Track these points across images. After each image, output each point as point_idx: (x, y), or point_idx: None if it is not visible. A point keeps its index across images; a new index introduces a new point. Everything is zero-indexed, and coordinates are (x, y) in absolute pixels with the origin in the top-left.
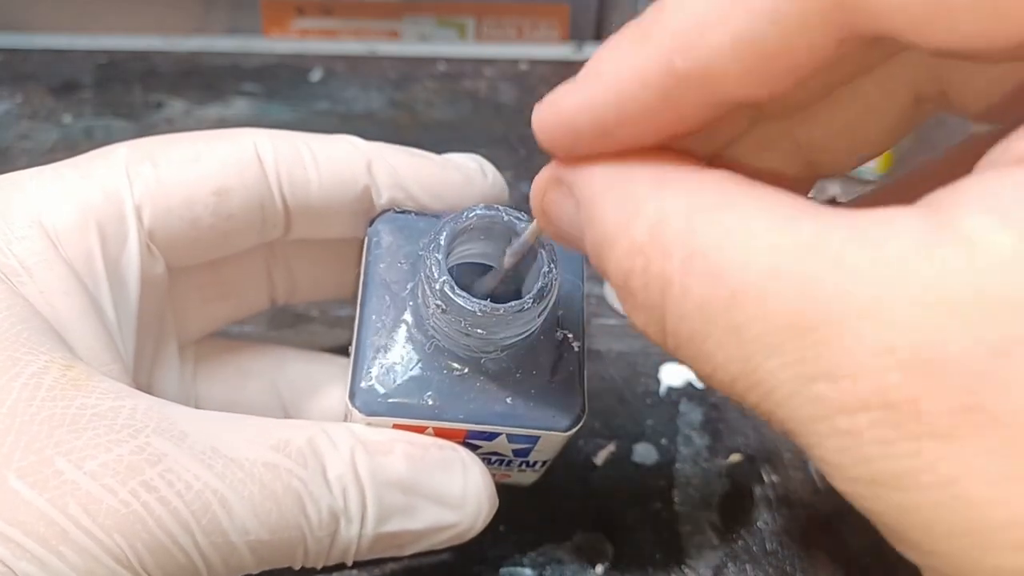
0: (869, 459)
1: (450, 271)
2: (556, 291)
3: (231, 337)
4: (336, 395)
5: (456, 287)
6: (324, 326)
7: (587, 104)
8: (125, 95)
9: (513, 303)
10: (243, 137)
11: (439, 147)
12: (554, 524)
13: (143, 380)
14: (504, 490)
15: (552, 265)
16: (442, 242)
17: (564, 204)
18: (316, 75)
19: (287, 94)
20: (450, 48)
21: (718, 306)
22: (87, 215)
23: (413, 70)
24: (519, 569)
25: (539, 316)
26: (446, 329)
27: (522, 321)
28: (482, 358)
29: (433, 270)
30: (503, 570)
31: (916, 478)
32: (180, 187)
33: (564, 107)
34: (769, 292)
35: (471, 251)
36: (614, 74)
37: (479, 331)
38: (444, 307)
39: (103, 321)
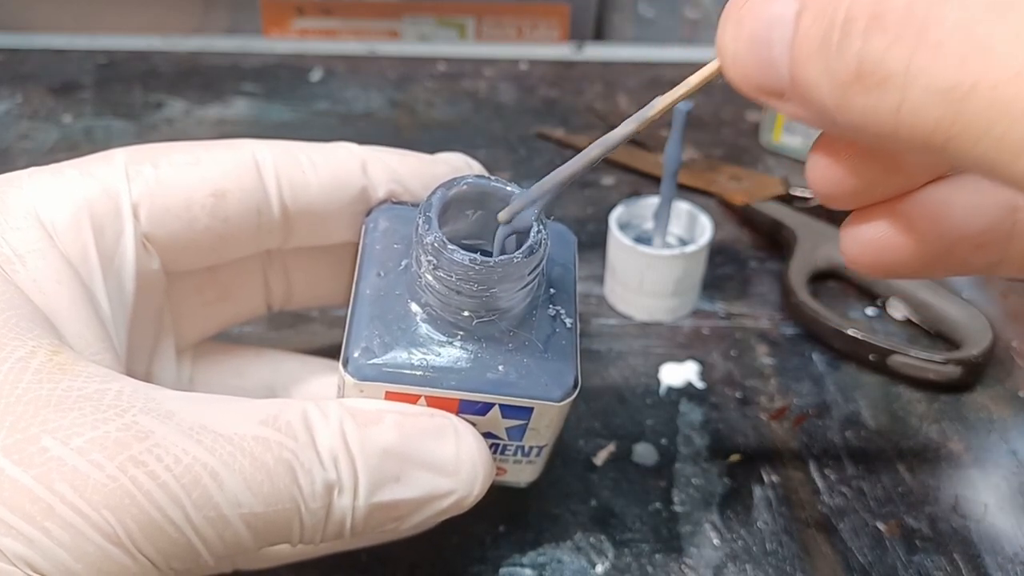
0: None
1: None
2: (546, 252)
3: (231, 336)
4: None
5: (448, 242)
6: (324, 326)
7: None
8: (125, 95)
9: (503, 256)
10: (242, 145)
11: (439, 147)
12: (554, 524)
13: (140, 378)
14: (504, 490)
15: (541, 227)
16: (434, 202)
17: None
18: (316, 75)
19: (287, 94)
20: (450, 48)
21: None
22: (83, 209)
23: (413, 70)
24: (519, 569)
25: (530, 274)
26: (438, 288)
27: (513, 277)
28: (474, 321)
29: (425, 228)
30: (503, 570)
31: None
32: (178, 188)
33: None
34: None
35: (462, 227)
36: None
37: (470, 286)
38: (436, 262)
39: (96, 311)
